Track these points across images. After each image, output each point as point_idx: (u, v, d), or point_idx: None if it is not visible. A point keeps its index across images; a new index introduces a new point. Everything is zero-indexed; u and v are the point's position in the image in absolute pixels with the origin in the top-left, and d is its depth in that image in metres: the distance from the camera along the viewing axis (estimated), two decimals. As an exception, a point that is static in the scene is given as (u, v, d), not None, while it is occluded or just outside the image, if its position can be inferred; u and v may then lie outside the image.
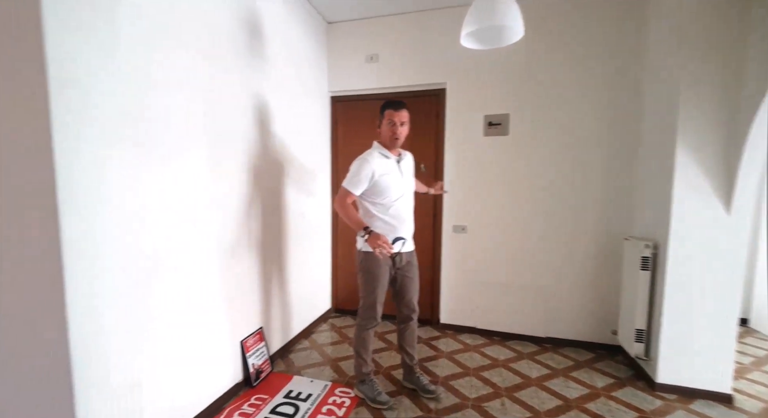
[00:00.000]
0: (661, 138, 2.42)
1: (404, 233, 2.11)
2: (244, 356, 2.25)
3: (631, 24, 2.69)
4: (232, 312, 2.16)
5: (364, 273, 2.13)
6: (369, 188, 2.04)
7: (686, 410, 2.16)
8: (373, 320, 2.17)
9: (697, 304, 2.26)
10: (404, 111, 2.07)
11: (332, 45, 3.35)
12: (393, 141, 2.08)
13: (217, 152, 2.02)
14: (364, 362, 2.21)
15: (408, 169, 2.20)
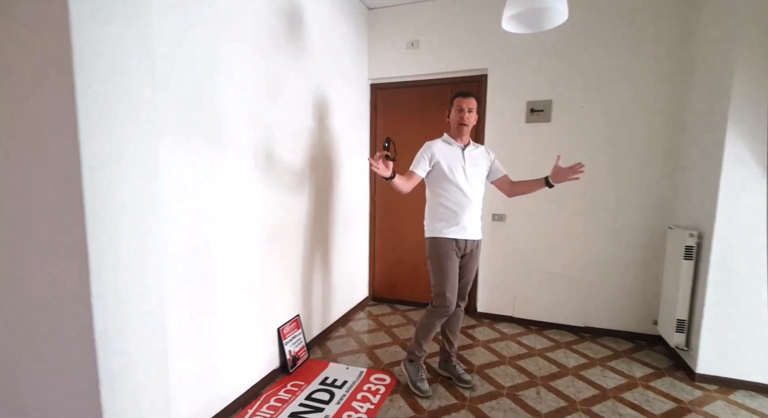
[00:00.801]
0: (709, 126, 2.31)
1: (468, 222, 2.12)
2: (281, 343, 2.32)
3: (681, 6, 2.55)
4: (270, 300, 2.22)
5: (432, 260, 2.15)
6: (432, 172, 2.15)
7: (726, 400, 2.13)
8: (444, 309, 2.13)
9: (740, 293, 2.21)
10: (472, 99, 2.13)
11: (373, 32, 3.31)
12: (460, 127, 2.13)
13: (268, 143, 2.11)
14: (419, 347, 2.23)
15: (476, 160, 2.17)
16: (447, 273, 2.10)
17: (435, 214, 2.16)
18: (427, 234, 2.19)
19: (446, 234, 2.11)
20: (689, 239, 2.34)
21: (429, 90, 3.28)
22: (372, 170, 1.93)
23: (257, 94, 2.02)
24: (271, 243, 2.19)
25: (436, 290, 2.14)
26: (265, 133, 2.09)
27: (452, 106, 2.17)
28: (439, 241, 2.11)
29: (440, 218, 2.13)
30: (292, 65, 2.31)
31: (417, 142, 3.26)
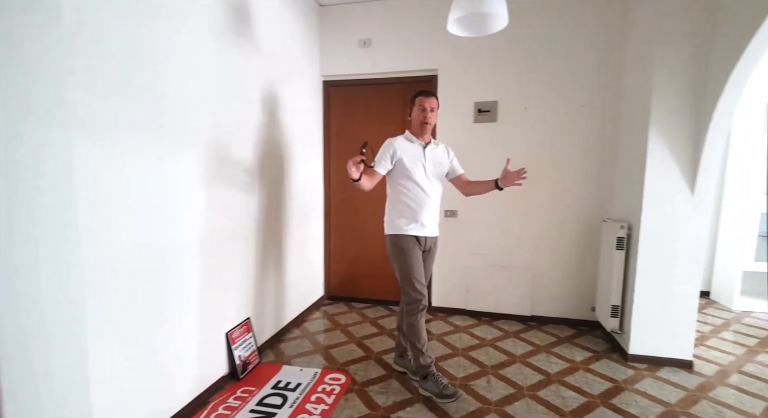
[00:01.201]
0: (637, 125, 2.52)
1: (427, 220, 2.14)
2: (230, 348, 2.23)
3: (614, 15, 2.78)
4: (218, 304, 2.13)
5: (396, 254, 2.13)
6: (394, 170, 2.15)
7: (654, 377, 2.33)
8: (418, 303, 2.09)
9: (664, 279, 2.43)
10: (434, 98, 2.15)
11: (324, 29, 3.28)
12: (423, 126, 2.14)
13: (217, 139, 2.02)
14: (420, 354, 2.12)
15: (436, 158, 2.19)
16: (414, 267, 2.10)
17: (396, 211, 2.16)
18: (389, 231, 2.18)
19: (408, 231, 2.11)
20: (620, 230, 2.54)
21: (382, 89, 3.31)
22: (348, 170, 1.92)
23: (205, 88, 1.94)
24: (218, 243, 2.10)
25: (406, 286, 2.11)
26: (213, 129, 2.00)
27: (414, 104, 2.17)
28: (402, 238, 2.12)
29: (401, 214, 2.14)
30: (242, 59, 2.24)
31: (371, 140, 3.29)
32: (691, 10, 2.22)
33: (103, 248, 1.42)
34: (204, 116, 1.95)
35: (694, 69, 2.25)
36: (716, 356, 2.61)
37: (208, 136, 1.98)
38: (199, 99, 1.91)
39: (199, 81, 1.90)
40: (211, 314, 2.09)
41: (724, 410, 2.02)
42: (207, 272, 2.02)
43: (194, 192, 1.90)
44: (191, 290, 1.92)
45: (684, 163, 2.33)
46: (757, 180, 3.30)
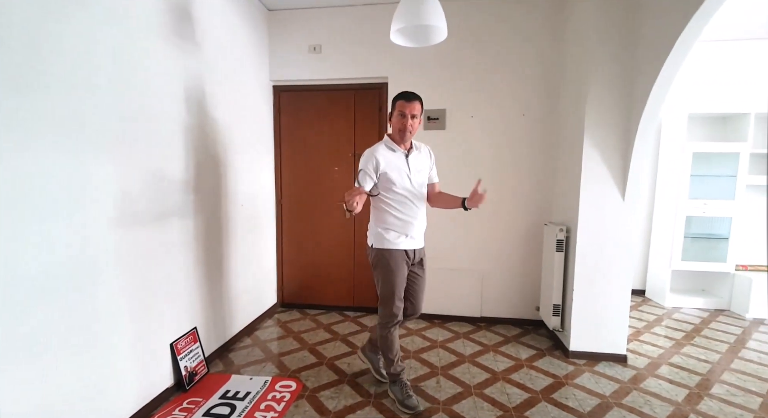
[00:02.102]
0: (573, 135, 2.70)
1: (416, 232, 2.05)
2: (176, 359, 2.16)
3: (553, 30, 2.97)
4: (161, 314, 2.06)
5: (383, 269, 2.04)
6: (378, 182, 2.00)
7: (591, 372, 2.47)
8: (394, 317, 2.06)
9: (599, 280, 2.59)
10: (416, 103, 1.97)
11: (274, 33, 3.27)
12: (402, 133, 1.99)
13: (154, 141, 1.95)
14: (392, 363, 2.12)
15: (418, 165, 2.06)
16: (397, 285, 2.04)
17: (383, 223, 2.03)
18: (375, 244, 2.05)
19: (398, 245, 2.01)
20: (560, 233, 2.70)
21: (333, 94, 3.34)
22: (347, 202, 1.70)
23: (143, 90, 1.88)
24: (161, 251, 2.04)
25: (386, 302, 2.06)
26: (150, 131, 1.94)
27: (394, 108, 2.01)
28: (391, 253, 2.01)
29: (390, 228, 2.01)
30: (182, 60, 2.19)
31: (324, 145, 3.34)
32: (620, 32, 2.41)
33: (27, 260, 1.35)
34: (140, 119, 1.89)
35: (622, 86, 2.44)
36: (648, 349, 2.80)
37: (145, 139, 1.92)
38: (135, 101, 1.85)
39: (134, 81, 1.84)
40: (153, 325, 2.01)
41: (651, 399, 2.17)
42: (150, 282, 1.95)
43: (136, 197, 1.84)
44: (126, 302, 1.83)
45: (615, 172, 2.50)
46: (682, 186, 3.61)
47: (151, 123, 1.94)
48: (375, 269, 2.09)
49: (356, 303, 3.48)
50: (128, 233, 1.82)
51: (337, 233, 3.43)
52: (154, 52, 1.97)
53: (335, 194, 3.39)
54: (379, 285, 2.08)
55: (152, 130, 1.96)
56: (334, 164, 3.37)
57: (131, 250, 1.84)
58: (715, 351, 2.80)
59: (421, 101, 2.01)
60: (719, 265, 3.62)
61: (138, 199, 1.88)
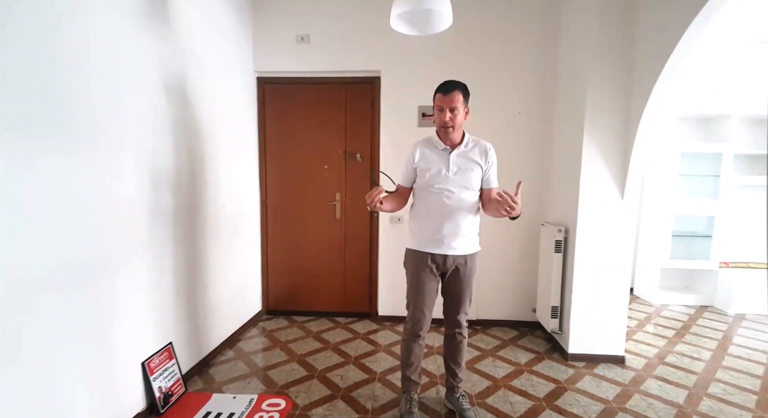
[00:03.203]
0: (571, 134, 2.62)
1: (448, 235, 1.82)
2: (148, 379, 1.93)
3: (550, 27, 2.90)
4: (129, 330, 1.82)
5: (406, 272, 1.96)
6: (416, 178, 1.90)
7: (592, 374, 2.42)
8: (413, 330, 1.92)
9: (599, 280, 2.53)
10: (456, 94, 1.75)
11: (258, 21, 3.04)
12: (443, 131, 1.81)
13: (125, 136, 1.71)
14: (403, 375, 2.00)
15: (465, 164, 1.82)
16: (416, 289, 1.89)
17: (414, 223, 1.92)
18: (407, 243, 1.96)
19: (421, 247, 1.87)
20: (558, 234, 2.63)
21: (323, 88, 3.15)
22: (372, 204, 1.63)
23: (114, 78, 1.65)
24: (129, 259, 1.80)
25: (407, 303, 1.97)
26: (117, 122, 1.70)
27: (434, 102, 1.84)
28: (414, 253, 1.89)
29: (418, 228, 1.89)
30: (156, 46, 1.95)
31: (313, 142, 3.15)
32: (619, 30, 2.34)
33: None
34: (108, 111, 1.66)
35: (621, 85, 2.38)
36: (643, 349, 2.78)
37: (115, 134, 1.69)
38: (104, 91, 1.62)
39: (104, 69, 1.62)
40: (121, 343, 1.77)
41: (654, 402, 2.13)
42: (116, 295, 1.72)
43: (97, 198, 1.61)
44: (82, 320, 1.59)
45: (615, 171, 2.45)
46: (671, 186, 3.64)
47: (118, 112, 1.71)
48: (404, 268, 1.99)
49: (347, 308, 3.31)
50: (86, 240, 1.58)
51: (326, 235, 3.24)
52: (122, 34, 1.73)
53: (324, 194, 3.20)
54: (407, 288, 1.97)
55: (120, 121, 1.72)
56: (324, 162, 3.18)
57: (90, 259, 1.60)
58: (705, 348, 2.83)
59: (462, 89, 1.78)
60: (703, 262, 3.68)
61: (101, 200, 1.64)
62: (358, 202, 3.19)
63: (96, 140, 1.59)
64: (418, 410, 1.98)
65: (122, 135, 1.73)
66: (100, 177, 1.61)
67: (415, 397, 2.01)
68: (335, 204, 3.21)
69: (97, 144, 1.59)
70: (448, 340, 2.04)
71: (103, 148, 1.62)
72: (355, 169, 3.17)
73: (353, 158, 3.15)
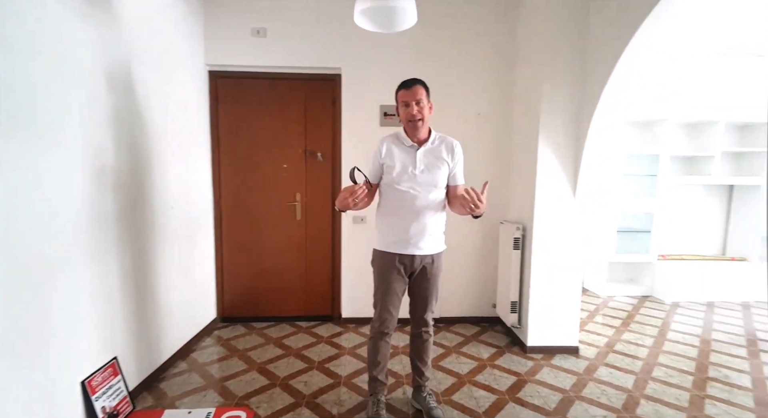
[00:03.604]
0: (528, 135, 2.72)
1: (415, 235, 1.80)
2: (89, 400, 1.75)
3: (504, 31, 2.99)
4: (65, 348, 1.63)
5: (374, 270, 1.93)
6: (383, 175, 1.86)
7: (549, 366, 2.52)
8: (380, 329, 1.90)
9: (554, 275, 2.65)
10: (418, 87, 1.76)
11: (211, 12, 2.87)
12: (410, 125, 1.79)
13: (39, 124, 1.49)
14: (369, 376, 1.99)
15: (431, 162, 1.81)
16: (384, 289, 1.87)
17: (381, 223, 1.89)
18: (374, 244, 1.93)
19: (387, 247, 1.84)
20: (516, 231, 2.71)
21: (280, 84, 3.03)
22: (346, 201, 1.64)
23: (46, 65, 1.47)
24: (66, 268, 1.62)
25: (374, 301, 1.94)
26: (47, 116, 1.53)
27: (397, 101, 1.83)
28: (380, 253, 1.87)
29: (384, 228, 1.87)
30: (96, 34, 1.78)
31: (270, 140, 3.03)
32: (571, 34, 2.46)
33: None
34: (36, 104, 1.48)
35: (575, 88, 2.50)
36: (594, 339, 2.94)
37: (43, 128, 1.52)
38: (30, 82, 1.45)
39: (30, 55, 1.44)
40: (55, 363, 1.58)
41: (607, 389, 2.25)
42: (48, 309, 1.54)
43: (30, 202, 1.43)
44: (23, 335, 1.42)
45: (568, 171, 2.57)
46: (617, 185, 3.89)
47: (47, 104, 1.53)
48: (372, 267, 1.96)
49: (309, 312, 3.21)
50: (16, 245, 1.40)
51: (286, 237, 3.13)
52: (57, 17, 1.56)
53: (284, 194, 3.09)
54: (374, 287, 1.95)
55: (50, 115, 1.55)
56: (283, 161, 3.06)
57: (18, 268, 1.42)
58: (648, 335, 3.04)
59: (423, 84, 1.79)
60: (644, 256, 3.97)
61: (32, 199, 1.46)
62: (320, 203, 3.11)
63: (25, 131, 1.41)
64: (385, 411, 1.95)
65: (58, 127, 1.56)
66: (29, 173, 1.44)
67: (383, 399, 1.98)
68: (296, 205, 3.10)
69: (25, 135, 1.41)
70: (414, 339, 2.03)
71: (32, 142, 1.44)
72: (316, 168, 3.09)
73: (314, 157, 3.07)
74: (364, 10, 1.75)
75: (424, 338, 2.00)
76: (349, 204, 1.65)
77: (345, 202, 1.65)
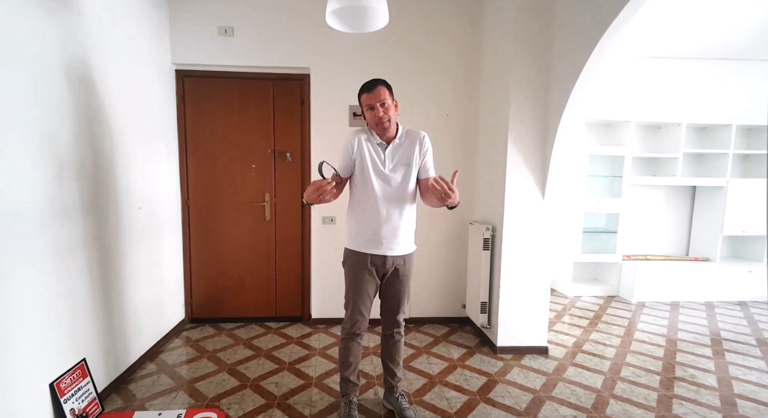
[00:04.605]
0: (496, 137, 2.77)
1: (386, 235, 1.79)
2: (58, 402, 1.70)
3: (469, 32, 3.04)
4: (31, 350, 1.58)
5: (345, 270, 1.91)
6: (355, 171, 1.81)
7: (519, 366, 2.56)
8: (351, 330, 1.89)
9: (523, 276, 2.69)
10: (380, 89, 1.73)
11: (176, 10, 2.81)
12: (380, 126, 1.76)
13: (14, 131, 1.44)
14: (341, 377, 1.98)
15: (401, 159, 1.80)
16: (355, 289, 1.85)
17: (351, 221, 1.87)
18: (345, 242, 1.91)
19: (359, 247, 1.82)
20: (486, 232, 2.76)
21: (247, 84, 2.99)
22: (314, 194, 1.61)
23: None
24: (26, 266, 1.56)
25: (345, 305, 1.92)
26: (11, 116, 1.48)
27: (361, 105, 1.80)
28: (353, 253, 1.85)
29: (355, 227, 1.84)
30: (57, 27, 1.73)
31: (238, 140, 3.00)
32: (536, 39, 2.51)
33: None
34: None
35: (541, 91, 2.56)
36: (562, 339, 3.02)
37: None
38: None
39: None
40: (21, 365, 1.53)
41: (576, 389, 2.29)
42: (12, 310, 1.48)
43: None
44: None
45: (536, 173, 2.63)
46: (580, 186, 4.00)
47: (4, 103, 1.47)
48: (343, 267, 1.94)
49: (278, 313, 3.19)
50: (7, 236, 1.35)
51: (255, 237, 3.09)
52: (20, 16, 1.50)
53: (252, 194, 3.05)
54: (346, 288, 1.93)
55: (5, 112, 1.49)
56: (251, 161, 3.03)
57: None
58: (615, 335, 3.12)
59: (385, 84, 1.76)
60: (609, 256, 4.10)
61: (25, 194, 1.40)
62: (289, 203, 3.09)
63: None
64: (357, 412, 1.96)
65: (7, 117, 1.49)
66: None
67: (355, 400, 1.98)
68: (264, 205, 3.07)
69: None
70: (385, 340, 2.03)
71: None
72: (285, 169, 3.07)
73: (283, 158, 3.04)
74: (335, 10, 1.75)
75: (396, 339, 2.01)
76: (317, 198, 1.63)
77: (312, 196, 1.63)
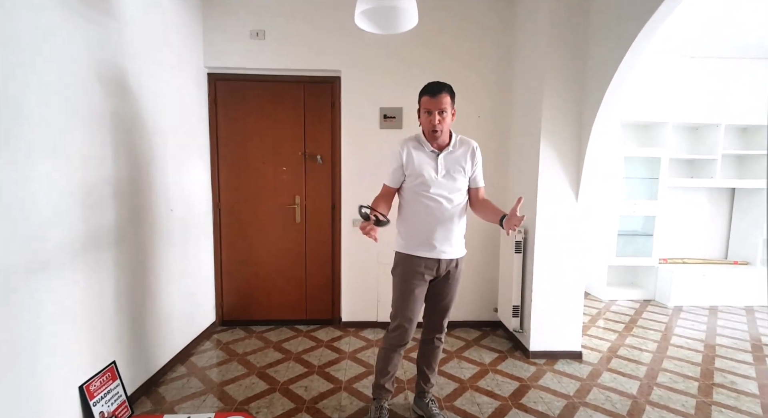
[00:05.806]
0: (529, 138, 2.70)
1: (440, 239, 1.78)
2: (88, 405, 1.73)
3: (506, 41, 3.00)
4: (63, 352, 1.62)
5: (395, 277, 1.87)
6: (405, 180, 1.81)
7: (552, 371, 2.48)
8: (397, 335, 1.84)
9: (556, 279, 2.62)
10: (443, 96, 1.70)
11: (209, 14, 2.87)
12: (432, 134, 1.75)
13: (54, 134, 1.48)
14: (376, 383, 1.94)
15: (453, 167, 1.78)
16: (405, 295, 1.81)
17: (404, 226, 1.84)
18: (395, 247, 1.88)
19: (413, 251, 1.80)
20: (518, 235, 2.69)
21: (280, 87, 3.02)
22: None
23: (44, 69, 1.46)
24: (59, 273, 1.60)
25: (392, 312, 1.87)
26: (44, 118, 1.52)
27: (420, 105, 1.79)
28: (404, 257, 1.82)
29: (409, 232, 1.82)
30: (92, 35, 1.77)
31: (270, 142, 3.02)
32: (571, 37, 2.45)
33: None
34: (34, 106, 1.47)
35: (576, 91, 2.48)
36: (597, 343, 2.92)
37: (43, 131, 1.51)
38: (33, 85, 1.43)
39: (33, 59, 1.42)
40: (52, 368, 1.56)
41: (611, 395, 2.22)
42: (34, 315, 1.51)
43: (19, 204, 1.41)
44: (19, 342, 1.40)
45: (570, 174, 2.55)
46: (617, 188, 3.87)
47: (44, 108, 1.52)
48: (392, 275, 1.90)
49: (309, 315, 3.19)
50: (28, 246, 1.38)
51: (285, 240, 3.11)
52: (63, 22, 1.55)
53: (283, 197, 3.07)
54: (393, 293, 1.88)
55: (45, 116, 1.53)
56: (282, 164, 3.05)
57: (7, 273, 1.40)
58: (651, 340, 3.01)
59: (450, 91, 1.74)
60: (645, 259, 3.95)
61: (26, 205, 1.44)
62: (319, 206, 3.10)
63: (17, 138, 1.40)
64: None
65: (43, 130, 1.54)
66: (16, 177, 1.42)
67: (386, 405, 1.95)
68: (295, 207, 3.09)
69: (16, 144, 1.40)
70: (425, 345, 2.00)
71: (21, 152, 1.42)
72: (315, 171, 3.07)
73: (313, 160, 3.05)
74: (364, 11, 1.74)
75: (436, 345, 1.97)
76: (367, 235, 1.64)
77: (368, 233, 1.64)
